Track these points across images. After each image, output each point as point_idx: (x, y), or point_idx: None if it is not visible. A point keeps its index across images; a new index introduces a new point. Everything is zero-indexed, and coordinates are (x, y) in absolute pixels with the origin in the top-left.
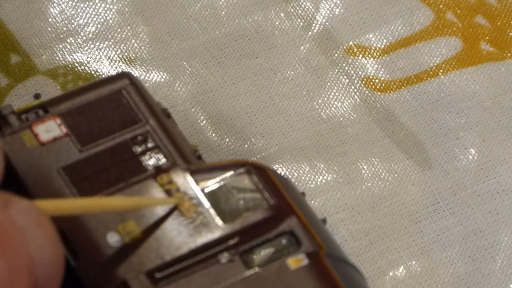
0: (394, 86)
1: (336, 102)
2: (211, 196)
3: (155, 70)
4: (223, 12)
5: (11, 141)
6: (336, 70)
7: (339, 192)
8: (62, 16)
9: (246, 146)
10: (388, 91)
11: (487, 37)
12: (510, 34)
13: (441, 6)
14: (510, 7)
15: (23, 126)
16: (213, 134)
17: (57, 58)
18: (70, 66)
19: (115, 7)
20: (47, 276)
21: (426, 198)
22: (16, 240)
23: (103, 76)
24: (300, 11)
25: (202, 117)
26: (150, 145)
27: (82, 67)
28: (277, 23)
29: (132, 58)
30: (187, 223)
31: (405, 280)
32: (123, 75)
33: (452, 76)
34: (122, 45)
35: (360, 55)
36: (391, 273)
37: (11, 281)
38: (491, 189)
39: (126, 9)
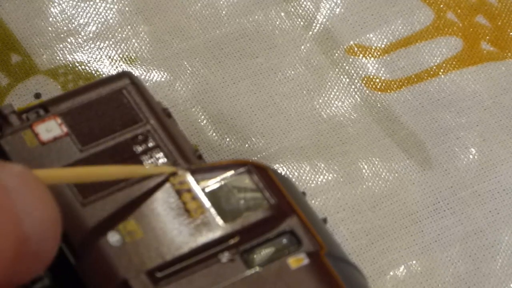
0: (395, 85)
1: (336, 102)
2: (211, 195)
3: (156, 70)
4: (224, 12)
5: (11, 140)
6: (337, 69)
7: (339, 191)
8: (63, 16)
9: (246, 145)
10: (388, 91)
11: (487, 37)
12: (511, 33)
13: (441, 5)
14: (511, 7)
15: (23, 126)
16: (214, 134)
17: (58, 57)
18: (70, 65)
19: (116, 6)
20: (41, 235)
21: (426, 198)
22: (1, 197)
23: (104, 75)
24: (300, 11)
25: (202, 117)
26: (150, 144)
27: (83, 66)
28: (277, 22)
29: (133, 57)
30: (187, 222)
31: (405, 280)
32: (123, 74)
33: (453, 76)
34: (123, 44)
35: (361, 55)
36: (391, 273)
37: None
38: (492, 189)
39: (127, 8)
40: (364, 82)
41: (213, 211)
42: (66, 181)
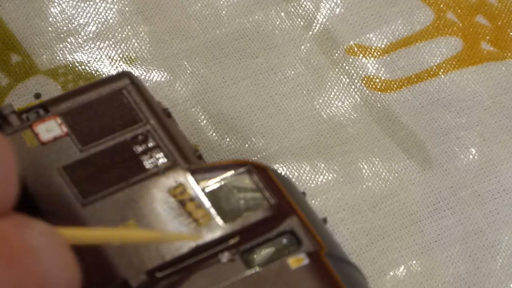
0: (395, 85)
1: (336, 102)
2: (211, 195)
3: (156, 70)
4: (224, 12)
5: (11, 140)
6: (337, 69)
7: (339, 191)
8: (63, 16)
9: (246, 145)
10: (388, 91)
11: (487, 37)
12: (511, 33)
13: (441, 5)
14: (511, 7)
15: (23, 126)
16: (214, 134)
17: (58, 57)
18: (70, 65)
19: (116, 6)
20: None
21: (426, 198)
22: (27, 259)
23: (104, 75)
24: (300, 11)
25: (202, 117)
26: (150, 144)
27: (83, 66)
28: (277, 22)
29: (133, 57)
30: (187, 222)
31: (405, 280)
32: (123, 74)
33: (453, 76)
34: (123, 44)
35: (361, 55)
36: (391, 273)
37: None
38: (492, 189)
39: (127, 8)
40: (364, 82)
41: (213, 211)
42: (89, 242)
